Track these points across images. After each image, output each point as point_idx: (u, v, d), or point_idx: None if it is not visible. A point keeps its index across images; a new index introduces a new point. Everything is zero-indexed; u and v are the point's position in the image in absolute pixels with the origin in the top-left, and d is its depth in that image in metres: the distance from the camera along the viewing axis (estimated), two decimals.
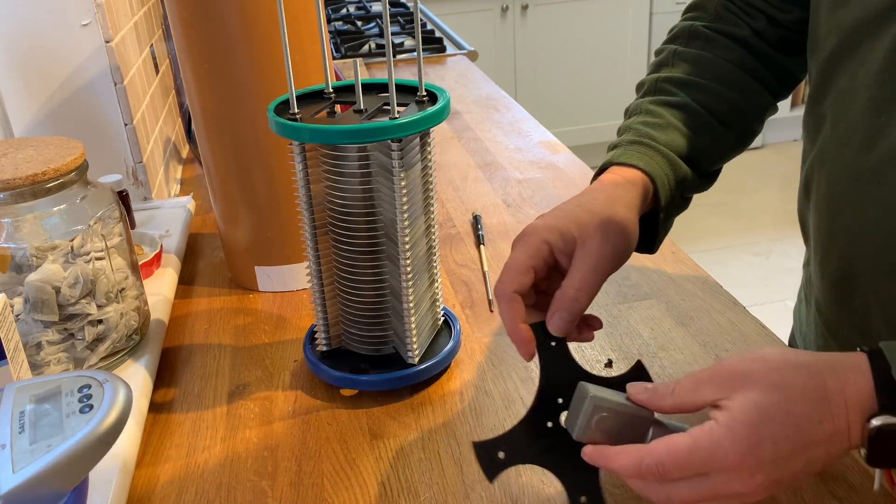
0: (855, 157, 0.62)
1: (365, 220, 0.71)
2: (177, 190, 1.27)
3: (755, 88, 0.75)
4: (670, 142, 0.70)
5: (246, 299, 0.93)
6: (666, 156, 0.68)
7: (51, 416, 0.53)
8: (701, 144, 0.71)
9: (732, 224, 3.30)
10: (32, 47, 0.97)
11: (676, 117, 0.71)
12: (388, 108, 0.67)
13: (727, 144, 0.74)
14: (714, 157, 0.73)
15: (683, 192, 0.71)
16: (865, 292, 0.65)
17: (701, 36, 0.75)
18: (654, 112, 0.72)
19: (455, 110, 1.55)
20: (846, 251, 0.65)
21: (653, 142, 0.69)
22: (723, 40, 0.75)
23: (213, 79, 0.84)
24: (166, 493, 0.65)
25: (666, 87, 0.74)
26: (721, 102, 0.73)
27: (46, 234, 0.71)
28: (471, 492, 0.62)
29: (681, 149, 0.70)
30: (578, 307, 0.57)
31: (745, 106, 0.74)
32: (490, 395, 0.74)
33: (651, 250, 0.71)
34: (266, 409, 0.74)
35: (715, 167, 0.75)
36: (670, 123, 0.71)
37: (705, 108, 0.72)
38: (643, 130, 0.70)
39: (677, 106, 0.72)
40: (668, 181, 0.68)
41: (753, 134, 0.77)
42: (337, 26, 2.34)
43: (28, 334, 0.70)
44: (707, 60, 0.74)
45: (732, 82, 0.73)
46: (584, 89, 3.72)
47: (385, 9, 0.64)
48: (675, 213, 0.72)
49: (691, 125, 0.71)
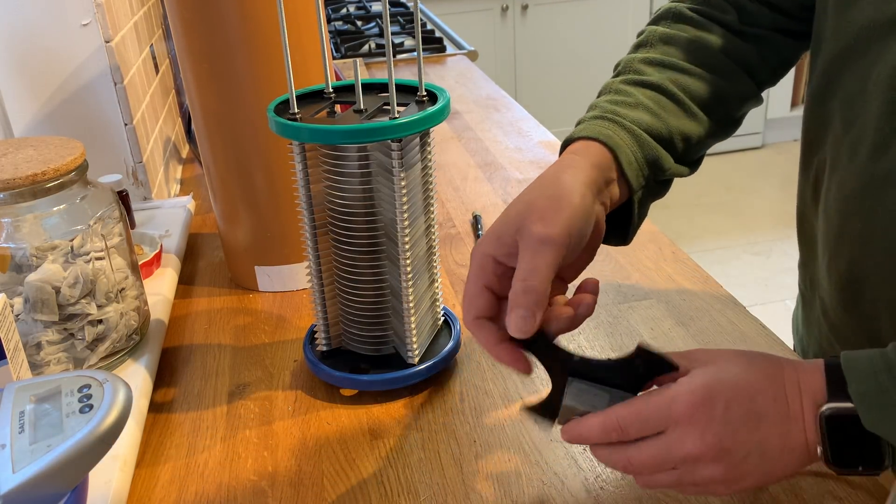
0: (867, 162, 0.61)
1: (365, 220, 0.71)
2: (177, 190, 1.27)
3: (738, 74, 0.71)
4: (638, 119, 0.65)
5: (246, 299, 0.93)
6: (631, 131, 0.63)
7: (51, 416, 0.53)
8: (676, 126, 0.66)
9: (732, 224, 3.30)
10: (32, 47, 0.97)
11: (648, 97, 0.67)
12: (388, 108, 0.67)
13: (707, 130, 0.69)
14: (693, 142, 0.68)
15: (657, 175, 0.65)
16: (874, 297, 0.64)
17: (685, 18, 0.72)
18: (624, 91, 0.67)
19: (455, 110, 1.55)
20: (856, 255, 0.65)
21: (617, 117, 0.64)
22: (709, 24, 0.72)
23: (213, 79, 0.84)
24: (166, 493, 0.65)
25: (640, 68, 0.69)
26: (703, 87, 0.69)
27: (46, 234, 0.71)
28: (471, 492, 0.63)
29: (650, 127, 0.65)
30: (532, 298, 0.53)
31: (725, 92, 0.70)
32: (490, 395, 0.74)
33: (624, 241, 0.67)
34: (266, 409, 0.74)
35: (696, 154, 0.70)
36: (640, 103, 0.66)
37: (683, 90, 0.68)
38: (609, 108, 0.65)
39: (650, 86, 0.67)
40: (633, 157, 0.63)
41: (735, 123, 0.73)
42: (337, 26, 2.34)
43: (28, 334, 0.70)
44: (689, 41, 0.70)
45: (715, 66, 0.70)
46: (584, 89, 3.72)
47: (385, 9, 0.64)
48: (651, 198, 0.67)
49: (665, 106, 0.67)
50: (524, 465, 0.64)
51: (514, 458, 0.66)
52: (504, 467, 0.65)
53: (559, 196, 0.56)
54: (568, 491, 0.62)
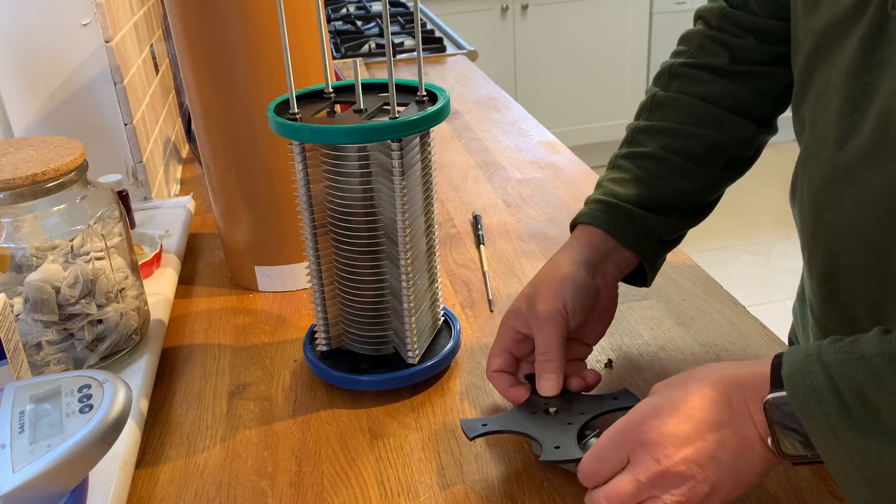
0: (831, 156, 0.64)
1: (365, 220, 0.71)
2: (177, 190, 1.27)
3: (731, 121, 0.76)
4: (631, 196, 0.74)
5: (246, 299, 0.93)
6: (623, 210, 0.73)
7: (51, 416, 0.53)
8: (673, 188, 0.75)
9: (732, 224, 3.30)
10: (32, 47, 0.97)
11: (642, 167, 0.76)
12: (388, 108, 0.67)
13: (709, 180, 0.77)
14: (696, 195, 0.77)
15: (663, 236, 0.75)
16: (849, 287, 0.66)
17: (679, 75, 0.79)
18: (622, 166, 0.77)
19: (455, 110, 1.55)
20: (830, 248, 0.67)
21: (613, 198, 0.74)
22: (701, 75, 0.77)
23: (213, 79, 0.84)
24: (166, 493, 0.65)
25: (638, 138, 0.78)
26: (695, 144, 0.76)
27: (46, 234, 0.71)
28: (471, 492, 0.62)
29: (643, 199, 0.74)
30: (554, 367, 0.67)
31: (721, 141, 0.76)
32: (490, 395, 0.74)
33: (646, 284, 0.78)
34: (266, 409, 0.74)
35: (705, 201, 0.78)
36: (636, 177, 0.75)
37: (677, 153, 0.75)
38: (608, 188, 0.76)
39: (645, 156, 0.76)
40: (630, 232, 0.73)
41: (746, 161, 0.79)
42: (337, 26, 2.34)
43: (28, 334, 0.70)
44: (681, 103, 0.77)
45: (706, 120, 0.76)
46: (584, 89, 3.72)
47: (385, 9, 0.64)
48: (661, 252, 0.77)
49: (661, 173, 0.75)
50: (524, 465, 0.64)
51: (514, 457, 0.66)
52: (504, 467, 0.65)
53: (555, 277, 0.70)
54: (568, 491, 0.62)
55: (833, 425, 0.49)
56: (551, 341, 0.68)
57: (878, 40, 0.60)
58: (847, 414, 0.48)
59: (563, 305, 0.68)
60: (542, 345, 0.68)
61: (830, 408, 0.49)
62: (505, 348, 0.71)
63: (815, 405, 0.49)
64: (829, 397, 0.49)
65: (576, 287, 0.69)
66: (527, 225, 1.06)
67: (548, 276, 0.71)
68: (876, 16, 0.59)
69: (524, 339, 0.71)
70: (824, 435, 0.49)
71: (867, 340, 0.50)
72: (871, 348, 0.49)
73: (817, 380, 0.50)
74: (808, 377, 0.50)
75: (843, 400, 0.49)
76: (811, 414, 0.49)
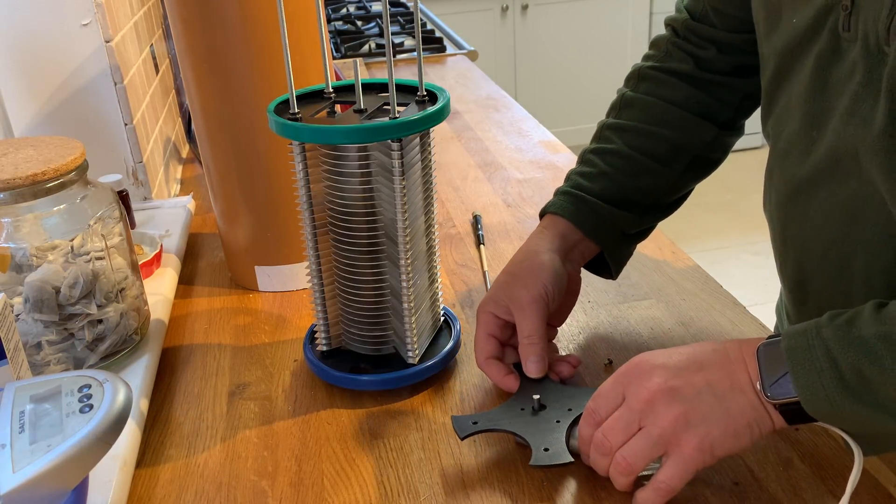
0: (794, 170, 0.68)
1: (365, 220, 0.71)
2: (177, 190, 1.27)
3: (694, 124, 0.80)
4: (596, 189, 0.78)
5: (246, 299, 0.93)
6: (588, 202, 0.77)
7: (51, 416, 0.53)
8: (637, 185, 0.79)
9: (732, 224, 3.30)
10: (32, 47, 0.97)
11: (609, 163, 0.79)
12: (388, 108, 0.67)
13: (671, 179, 0.80)
14: (659, 193, 0.80)
15: (625, 229, 0.79)
16: (817, 295, 0.70)
17: (647, 77, 0.82)
18: (590, 161, 0.81)
19: (455, 110, 1.55)
20: (798, 257, 0.71)
21: (579, 192, 0.78)
22: (667, 79, 0.81)
23: (213, 79, 0.84)
24: (166, 493, 0.65)
25: (606, 135, 0.82)
26: (657, 144, 0.79)
27: (46, 234, 0.71)
28: (471, 492, 0.63)
29: (610, 194, 0.78)
30: (538, 349, 0.71)
31: (684, 142, 0.80)
32: (490, 395, 0.74)
33: (612, 277, 0.82)
34: (266, 409, 0.74)
35: (669, 199, 0.82)
36: (602, 171, 0.79)
37: (640, 151, 0.79)
38: (575, 181, 0.80)
39: (612, 153, 0.80)
40: (593, 224, 0.77)
41: (709, 163, 0.82)
42: (337, 26, 2.34)
43: (28, 334, 0.70)
44: (646, 103, 0.81)
45: (670, 122, 0.80)
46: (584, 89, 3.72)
47: (385, 9, 0.64)
48: (624, 245, 0.81)
49: (625, 170, 0.79)
50: (524, 465, 0.64)
51: (514, 457, 0.66)
52: (504, 467, 0.65)
53: (533, 264, 0.73)
54: (568, 491, 0.62)
55: (830, 396, 0.52)
56: (535, 325, 0.71)
57: (831, 61, 0.63)
58: (844, 387, 0.52)
59: (543, 290, 0.72)
60: (526, 328, 0.71)
61: (829, 381, 0.52)
62: (491, 334, 0.73)
63: (814, 378, 0.52)
64: (827, 371, 0.52)
65: (554, 273, 0.73)
66: (527, 225, 1.06)
67: (525, 264, 0.74)
68: (829, 37, 0.62)
69: (505, 325, 0.73)
70: (821, 405, 0.53)
71: (864, 321, 0.53)
72: (868, 329, 0.52)
73: (817, 354, 0.53)
74: (808, 350, 0.53)
75: (842, 374, 0.52)
76: (810, 386, 0.53)
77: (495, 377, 0.72)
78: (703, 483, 0.61)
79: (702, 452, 0.55)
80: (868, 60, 0.59)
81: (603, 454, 0.59)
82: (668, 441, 0.56)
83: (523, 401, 0.68)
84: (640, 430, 0.57)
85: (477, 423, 0.66)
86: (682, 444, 0.55)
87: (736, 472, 0.62)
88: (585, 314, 0.85)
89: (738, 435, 0.55)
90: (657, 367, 0.57)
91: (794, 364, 0.53)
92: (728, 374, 0.56)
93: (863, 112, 0.59)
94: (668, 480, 0.56)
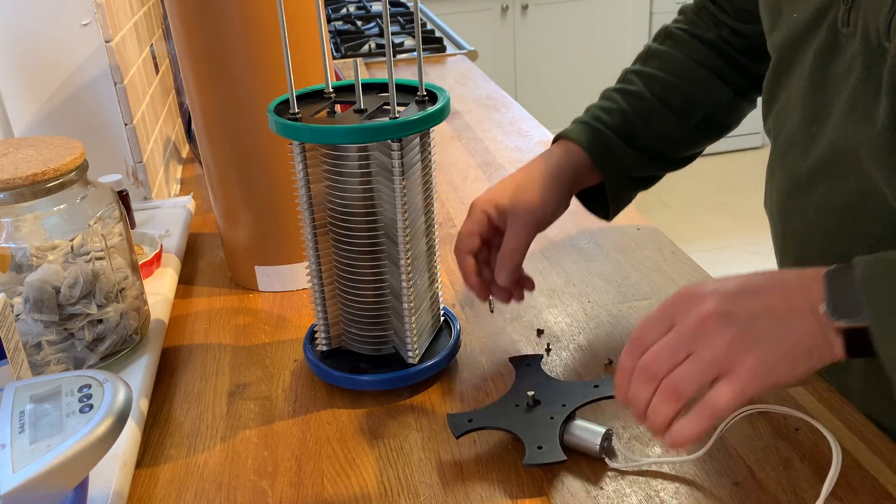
0: (794, 166, 0.68)
1: (365, 220, 0.71)
2: (177, 190, 1.27)
3: (711, 83, 0.83)
4: (614, 125, 0.81)
5: (246, 299, 0.93)
6: (603, 134, 0.80)
7: (51, 416, 0.53)
8: (650, 129, 0.82)
9: (732, 224, 3.30)
10: (32, 47, 0.97)
11: (629, 103, 0.82)
12: (388, 108, 0.67)
13: (683, 132, 0.84)
14: (669, 142, 0.83)
15: (631, 170, 0.82)
16: None
17: (673, 36, 0.87)
18: (612, 98, 0.84)
19: (455, 110, 1.55)
20: (798, 253, 0.71)
21: (597, 123, 0.81)
22: (690, 40, 0.85)
23: (213, 79, 0.84)
24: (166, 493, 0.65)
25: (630, 78, 0.85)
26: (674, 94, 0.83)
27: (46, 234, 0.71)
28: (471, 492, 0.62)
29: (624, 130, 0.81)
30: (515, 262, 0.74)
31: (699, 98, 0.83)
32: (490, 395, 0.74)
33: (607, 218, 0.85)
34: (266, 409, 0.74)
35: (677, 154, 0.85)
36: (622, 109, 0.82)
37: (658, 97, 0.82)
38: (595, 113, 0.83)
39: (633, 94, 0.83)
40: (604, 155, 0.80)
41: (721, 126, 0.85)
42: (337, 26, 2.34)
43: (28, 334, 0.70)
44: (670, 56, 0.85)
45: (687, 76, 0.83)
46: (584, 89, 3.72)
47: (385, 9, 0.64)
48: (626, 184, 0.83)
49: (641, 111, 0.82)
50: (525, 468, 0.64)
51: (513, 457, 0.66)
52: (504, 467, 0.65)
53: (542, 182, 0.76)
54: (568, 491, 0.62)
55: None
56: (522, 241, 0.74)
57: (831, 57, 0.63)
58: None
59: (542, 213, 0.75)
60: (514, 240, 0.74)
61: None
62: (479, 232, 0.75)
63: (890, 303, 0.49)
64: None
65: (556, 194, 0.76)
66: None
67: (533, 179, 0.76)
68: (828, 32, 0.63)
69: (494, 230, 0.76)
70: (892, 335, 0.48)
71: None
72: None
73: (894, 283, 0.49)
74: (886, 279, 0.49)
75: None
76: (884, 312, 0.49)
77: (467, 271, 0.75)
78: (703, 483, 0.61)
79: (756, 377, 0.50)
80: (867, 56, 0.59)
81: (647, 381, 0.53)
82: (721, 365, 0.51)
83: (518, 397, 0.68)
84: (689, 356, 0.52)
85: (472, 420, 0.66)
86: (735, 368, 0.51)
87: (736, 472, 0.62)
88: (585, 314, 0.85)
89: (795, 360, 0.51)
90: (709, 293, 0.53)
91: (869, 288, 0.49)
92: (786, 299, 0.52)
93: (862, 108, 0.59)
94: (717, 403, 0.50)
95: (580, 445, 0.64)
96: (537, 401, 0.67)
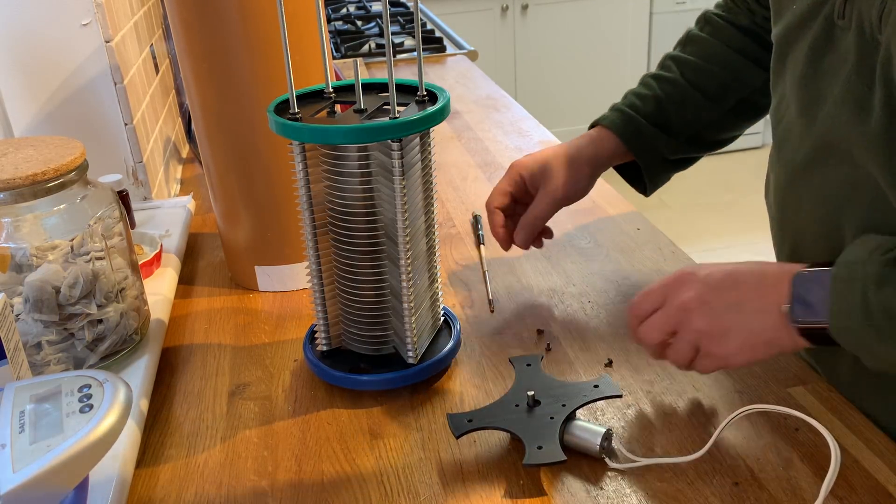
0: (791, 156, 0.70)
1: (365, 220, 0.71)
2: (177, 190, 1.27)
3: (746, 68, 0.87)
4: (648, 111, 0.87)
5: (246, 299, 0.93)
6: (636, 122, 0.87)
7: (51, 416, 0.53)
8: (683, 114, 0.87)
9: (732, 224, 3.30)
10: (32, 47, 0.97)
11: (663, 90, 0.88)
12: (388, 108, 0.67)
13: (717, 116, 0.88)
14: (703, 126, 0.89)
15: (666, 154, 0.88)
16: None
17: (711, 22, 0.90)
18: (648, 84, 0.90)
19: (455, 110, 1.55)
20: (794, 243, 0.73)
21: (631, 111, 0.88)
22: (727, 27, 0.89)
23: (213, 79, 0.84)
24: (166, 493, 0.65)
25: (667, 64, 0.91)
26: (709, 80, 0.87)
27: (46, 234, 0.71)
28: (471, 491, 0.63)
29: (658, 116, 0.87)
30: (534, 229, 0.86)
31: (734, 84, 0.87)
32: (490, 396, 0.74)
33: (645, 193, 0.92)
34: (266, 409, 0.74)
35: (712, 137, 0.90)
36: (656, 96, 0.88)
37: (693, 84, 0.88)
38: (630, 100, 0.89)
39: (668, 80, 0.89)
40: (637, 142, 0.87)
41: (759, 107, 0.89)
42: (337, 26, 2.34)
43: (28, 334, 0.70)
44: (707, 42, 0.89)
45: (722, 62, 0.87)
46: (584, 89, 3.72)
47: (385, 9, 0.64)
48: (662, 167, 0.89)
49: (675, 98, 0.88)
50: (525, 468, 0.64)
51: (513, 457, 0.66)
52: (504, 467, 0.65)
53: (576, 165, 0.85)
54: (568, 491, 0.62)
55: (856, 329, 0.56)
56: (545, 212, 0.85)
57: (825, 48, 0.64)
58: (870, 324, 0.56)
59: (569, 192, 0.85)
60: (539, 208, 0.85)
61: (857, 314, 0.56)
62: (511, 191, 0.86)
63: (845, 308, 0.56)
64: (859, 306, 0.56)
65: (586, 177, 0.86)
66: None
67: (569, 157, 0.85)
68: (824, 24, 0.64)
69: (525, 191, 0.87)
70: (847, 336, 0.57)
71: None
72: None
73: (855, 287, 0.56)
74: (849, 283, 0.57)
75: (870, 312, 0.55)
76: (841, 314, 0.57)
77: (496, 224, 0.86)
78: (703, 483, 0.61)
79: (719, 361, 0.64)
80: (861, 48, 0.60)
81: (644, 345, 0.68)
82: (696, 347, 0.64)
83: (518, 397, 0.68)
84: (675, 334, 0.65)
85: (472, 420, 0.66)
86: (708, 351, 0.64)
87: (736, 472, 0.62)
88: (585, 314, 0.85)
89: (754, 349, 0.62)
90: (698, 280, 0.64)
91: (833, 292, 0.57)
92: (760, 294, 0.61)
93: (855, 99, 0.60)
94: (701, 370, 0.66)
95: (580, 445, 0.64)
96: (537, 401, 0.67)
